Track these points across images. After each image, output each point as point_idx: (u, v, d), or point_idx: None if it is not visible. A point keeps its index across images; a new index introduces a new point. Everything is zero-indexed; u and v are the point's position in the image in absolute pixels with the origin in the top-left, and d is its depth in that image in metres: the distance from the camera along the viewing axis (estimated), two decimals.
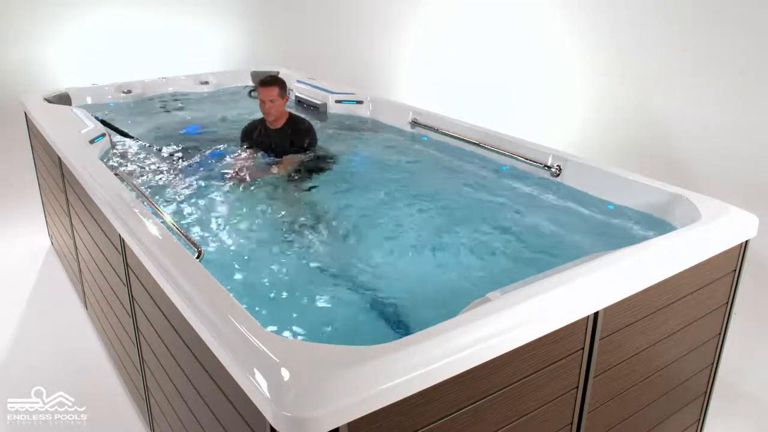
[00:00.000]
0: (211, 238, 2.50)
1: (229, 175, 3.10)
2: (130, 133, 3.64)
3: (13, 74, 6.64)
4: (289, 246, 2.47)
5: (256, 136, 3.42)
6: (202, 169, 3.18)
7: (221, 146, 3.53)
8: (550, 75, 5.04)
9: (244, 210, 2.76)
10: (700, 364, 2.12)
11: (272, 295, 2.09)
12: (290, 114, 3.42)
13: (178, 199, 2.85)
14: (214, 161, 3.29)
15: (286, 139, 3.35)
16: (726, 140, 3.75)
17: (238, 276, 2.22)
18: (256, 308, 1.98)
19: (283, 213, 2.75)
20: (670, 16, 4.01)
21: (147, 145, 3.55)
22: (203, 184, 2.99)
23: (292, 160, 3.28)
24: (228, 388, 1.40)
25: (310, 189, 3.03)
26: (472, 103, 5.58)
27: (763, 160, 3.55)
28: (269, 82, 3.24)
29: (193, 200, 2.83)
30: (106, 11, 7.11)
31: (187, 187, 2.96)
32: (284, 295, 2.09)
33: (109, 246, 2.31)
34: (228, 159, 3.31)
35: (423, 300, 2.10)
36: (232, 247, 2.43)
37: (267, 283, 2.16)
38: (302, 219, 2.69)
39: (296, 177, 3.15)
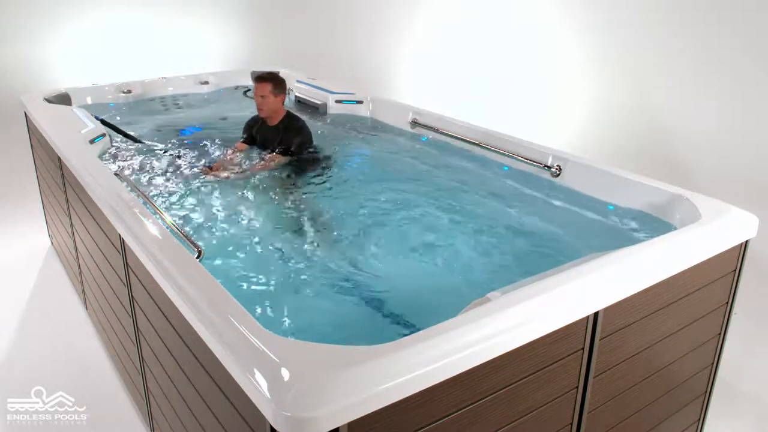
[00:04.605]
0: (206, 237, 2.49)
1: (216, 173, 3.12)
2: (131, 133, 3.64)
3: (13, 74, 6.64)
4: (286, 246, 2.46)
5: (255, 131, 3.49)
6: (200, 168, 3.19)
7: (220, 146, 3.54)
8: (550, 75, 5.04)
9: (241, 209, 2.75)
10: (700, 364, 2.12)
11: (271, 294, 2.09)
12: (288, 113, 3.42)
13: (178, 198, 2.84)
14: (212, 161, 3.30)
15: (277, 137, 3.36)
16: (726, 140, 3.75)
17: (234, 275, 2.21)
18: (255, 308, 1.98)
19: (279, 212, 2.75)
20: (669, 17, 4.01)
21: (147, 145, 3.55)
22: (202, 184, 2.99)
23: (273, 159, 3.28)
24: (228, 388, 1.40)
25: (308, 189, 3.03)
26: (472, 102, 5.58)
27: (763, 160, 3.56)
28: (263, 78, 3.29)
29: (192, 199, 2.83)
30: (106, 11, 7.12)
31: (186, 187, 2.96)
32: (283, 294, 2.09)
33: (109, 246, 2.31)
34: (225, 157, 3.33)
35: (422, 300, 2.10)
36: (228, 248, 2.43)
37: (264, 283, 2.16)
38: (300, 218, 2.69)
39: (294, 177, 3.15)
